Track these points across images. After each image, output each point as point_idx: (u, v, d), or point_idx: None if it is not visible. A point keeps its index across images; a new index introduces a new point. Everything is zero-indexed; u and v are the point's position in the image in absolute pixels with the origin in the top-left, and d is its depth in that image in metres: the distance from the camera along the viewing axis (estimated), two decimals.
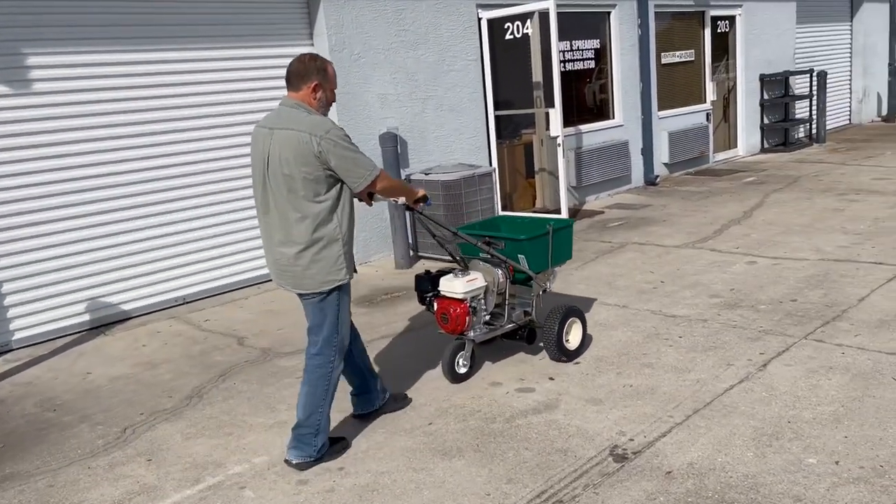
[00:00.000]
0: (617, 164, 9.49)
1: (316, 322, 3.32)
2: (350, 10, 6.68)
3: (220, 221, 6.32)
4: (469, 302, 3.99)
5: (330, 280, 3.23)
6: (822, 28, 13.83)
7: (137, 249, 5.87)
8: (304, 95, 3.23)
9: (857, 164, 10.20)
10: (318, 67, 3.22)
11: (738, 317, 4.79)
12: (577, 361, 4.30)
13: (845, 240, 6.39)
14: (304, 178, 3.11)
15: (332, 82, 3.29)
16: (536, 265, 4.22)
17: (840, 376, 3.80)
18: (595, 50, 9.35)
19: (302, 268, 3.20)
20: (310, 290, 3.24)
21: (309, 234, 3.17)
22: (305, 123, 3.11)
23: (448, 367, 4.08)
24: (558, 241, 4.31)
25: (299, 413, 3.34)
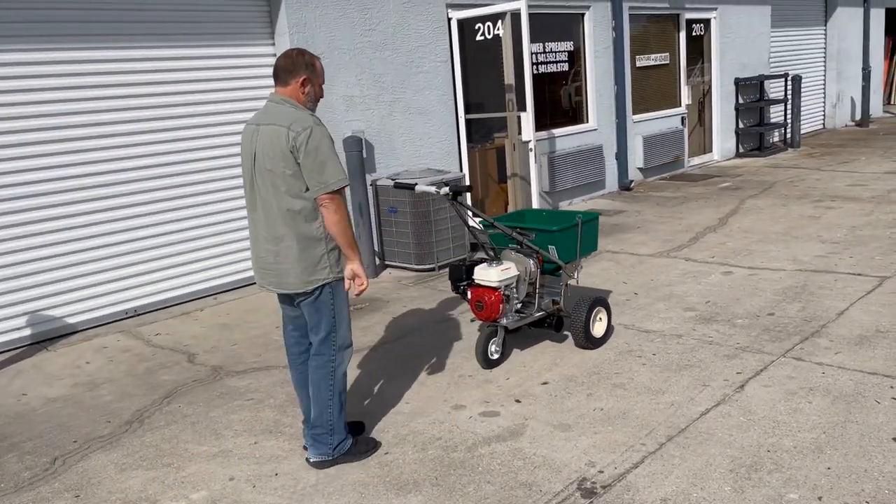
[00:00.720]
0: (591, 168, 9.29)
1: (313, 322, 3.25)
2: (313, 8, 6.40)
3: (174, 229, 6.00)
4: (503, 290, 4.14)
5: (312, 280, 3.15)
6: (797, 32, 13.79)
7: (84, 259, 5.54)
8: (292, 91, 3.16)
9: (831, 169, 10.11)
10: (305, 62, 3.17)
11: (714, 332, 4.59)
12: (546, 382, 4.06)
13: (822, 249, 6.23)
14: (284, 174, 3.04)
15: (321, 77, 3.23)
16: (566, 255, 4.39)
17: (821, 399, 3.60)
18: (569, 52, 9.15)
19: (285, 266, 3.14)
20: (291, 290, 3.17)
21: (291, 232, 3.10)
22: (288, 118, 3.05)
23: (482, 353, 4.23)
24: (586, 232, 4.47)
25: (312, 411, 3.32)
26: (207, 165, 6.15)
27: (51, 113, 5.31)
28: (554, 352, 4.46)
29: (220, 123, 6.20)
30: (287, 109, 3.09)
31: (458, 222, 6.65)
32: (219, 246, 6.26)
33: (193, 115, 6.03)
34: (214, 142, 6.18)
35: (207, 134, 6.13)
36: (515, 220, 4.75)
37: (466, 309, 5.42)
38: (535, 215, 4.82)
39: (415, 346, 4.73)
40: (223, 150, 6.23)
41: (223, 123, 6.21)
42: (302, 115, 3.06)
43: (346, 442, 3.35)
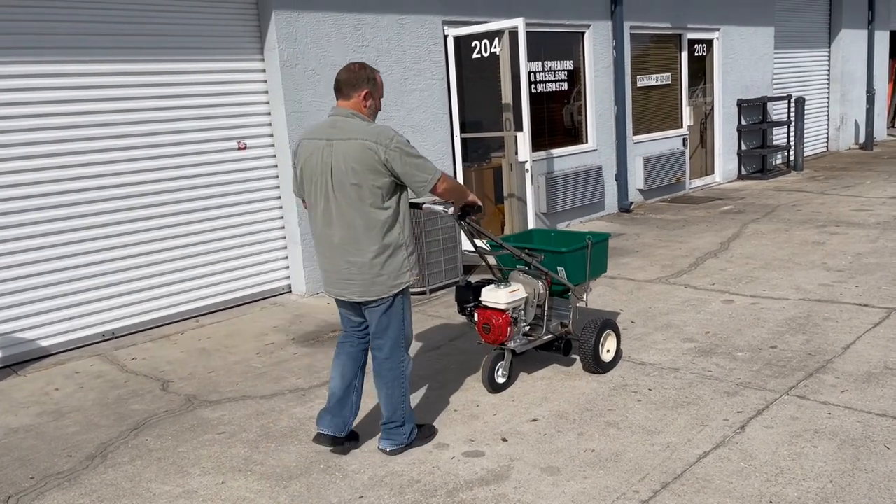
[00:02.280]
0: (590, 189, 9.10)
1: (381, 327, 3.38)
2: (305, 23, 6.24)
3: (156, 248, 5.80)
4: (511, 312, 4.03)
5: (398, 284, 3.32)
6: (801, 54, 13.65)
7: (60, 279, 5.33)
8: (356, 104, 3.27)
9: (835, 193, 9.91)
10: (367, 76, 3.28)
11: (714, 366, 4.36)
12: (535, 418, 3.83)
13: (827, 277, 6.01)
14: (372, 187, 3.16)
15: (381, 91, 3.35)
16: (575, 277, 4.28)
17: (827, 443, 3.37)
18: (568, 71, 8.99)
19: (373, 275, 3.26)
20: (377, 297, 3.30)
21: (379, 242, 3.24)
22: (368, 132, 3.16)
23: (488, 378, 4.11)
24: (595, 254, 4.35)
25: (385, 411, 3.49)
26: (193, 183, 5.96)
27: (27, 128, 5.13)
28: (545, 385, 4.24)
29: (208, 140, 6.01)
30: (360, 123, 3.20)
31: (451, 245, 6.44)
32: (202, 266, 6.06)
33: (179, 131, 5.85)
34: (201, 159, 5.99)
35: (193, 151, 5.94)
36: (523, 241, 4.66)
37: (457, 336, 5.20)
38: (543, 236, 4.71)
39: None
40: (210, 167, 6.05)
41: (210, 140, 6.03)
42: (381, 128, 3.19)
43: (414, 430, 3.57)
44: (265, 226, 6.42)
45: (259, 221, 6.39)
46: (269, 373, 4.71)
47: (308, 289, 6.45)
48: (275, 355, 5.03)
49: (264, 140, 6.36)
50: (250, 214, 6.32)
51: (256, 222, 6.37)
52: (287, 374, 4.66)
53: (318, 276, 6.50)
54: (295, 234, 6.39)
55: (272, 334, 5.50)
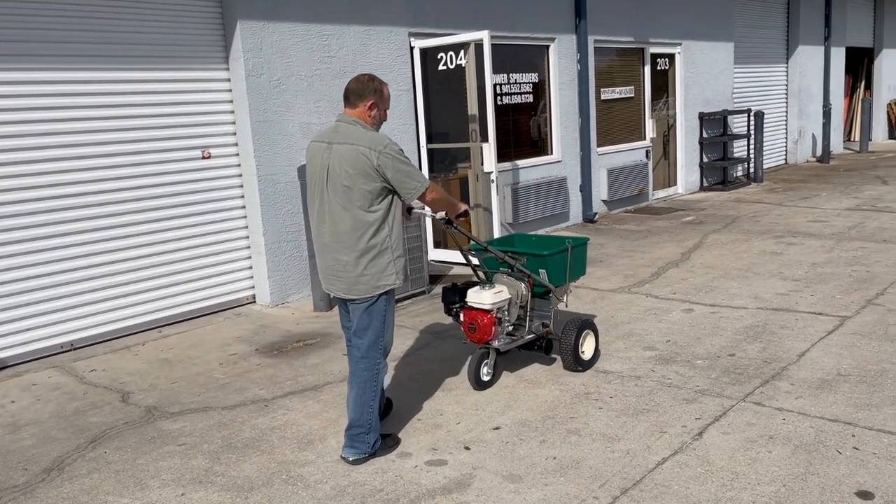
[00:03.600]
0: (555, 200, 9.21)
1: (362, 326, 3.50)
2: (270, 33, 6.23)
3: (118, 258, 5.73)
4: (495, 313, 4.20)
5: (380, 285, 3.45)
6: (760, 69, 13.98)
7: (17, 289, 5.23)
8: (361, 113, 3.44)
9: (793, 204, 10.16)
10: (374, 88, 3.45)
11: (674, 373, 4.44)
12: (498, 427, 3.86)
13: (784, 286, 6.16)
14: (362, 190, 3.33)
15: (387, 102, 3.53)
16: (556, 279, 4.44)
17: (781, 448, 3.45)
18: (533, 84, 9.10)
19: (357, 274, 3.41)
20: (360, 296, 3.43)
21: (364, 243, 3.39)
22: (365, 139, 3.34)
23: (474, 375, 4.26)
24: (575, 257, 4.53)
25: (351, 415, 3.53)
26: (157, 192, 5.90)
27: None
28: (508, 393, 4.27)
29: (171, 149, 5.97)
30: (360, 130, 3.38)
31: (417, 254, 6.46)
32: (165, 276, 6.00)
33: (142, 140, 5.80)
34: (164, 168, 5.94)
35: (157, 160, 5.89)
36: (506, 245, 4.81)
37: (422, 346, 5.21)
38: (525, 240, 4.87)
39: None
40: (173, 176, 5.99)
41: (174, 149, 5.98)
42: (377, 136, 3.37)
43: (378, 440, 3.59)
44: (229, 235, 6.38)
45: (223, 231, 6.34)
46: (232, 384, 4.68)
47: (273, 299, 6.41)
48: (238, 366, 5.00)
49: (229, 149, 6.32)
50: (214, 224, 6.28)
51: (220, 232, 6.32)
52: (250, 385, 4.63)
53: (283, 285, 6.48)
54: (259, 244, 6.36)
55: (235, 345, 5.45)
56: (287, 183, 6.42)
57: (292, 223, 6.48)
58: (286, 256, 6.48)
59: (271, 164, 6.32)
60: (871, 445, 3.42)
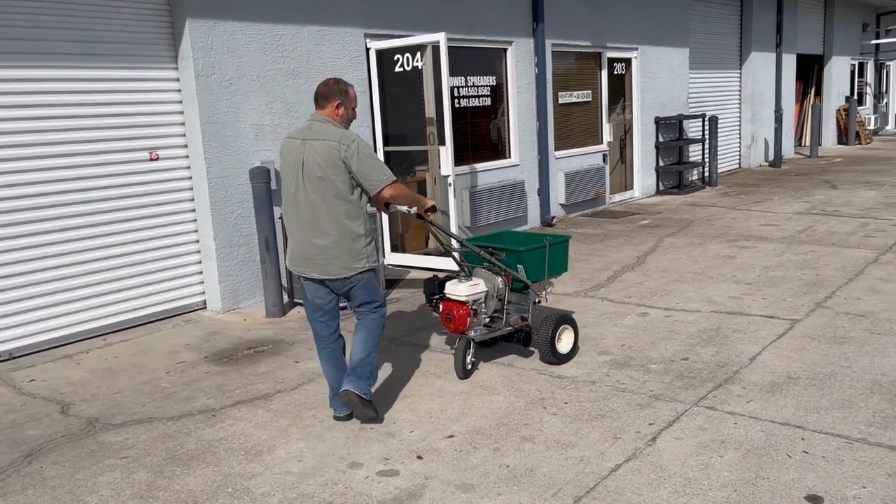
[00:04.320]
0: (513, 204, 9.20)
1: (365, 298, 3.92)
2: (220, 32, 6.09)
3: (60, 263, 5.52)
4: (471, 304, 4.44)
5: (354, 267, 3.80)
6: (714, 74, 14.21)
7: None
8: (330, 112, 3.83)
9: (746, 208, 10.33)
10: (340, 90, 3.84)
11: (628, 378, 4.43)
12: (452, 434, 3.80)
13: (736, 290, 6.23)
14: (334, 181, 3.70)
15: (353, 102, 3.90)
16: (533, 275, 4.63)
17: (733, 453, 3.46)
18: (491, 87, 9.08)
19: (330, 257, 3.76)
20: (333, 276, 3.79)
21: (338, 229, 3.74)
22: (335, 134, 3.72)
23: (461, 364, 4.47)
24: (555, 254, 4.70)
25: (358, 354, 3.88)
26: (102, 195, 5.71)
27: None
28: (463, 400, 4.22)
29: (117, 150, 5.78)
30: (330, 127, 3.76)
31: (374, 258, 6.36)
32: (111, 282, 5.81)
33: (87, 140, 5.61)
34: (110, 170, 5.75)
35: (102, 161, 5.70)
36: (495, 241, 4.95)
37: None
38: (513, 237, 5.07)
39: (314, 396, 4.40)
40: (119, 178, 5.81)
41: (120, 150, 5.80)
42: (345, 132, 3.75)
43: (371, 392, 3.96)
44: (178, 239, 6.21)
45: (172, 235, 6.17)
46: (179, 393, 4.53)
47: (224, 305, 6.26)
48: (185, 374, 4.85)
49: (178, 151, 6.15)
50: (162, 228, 6.10)
51: (169, 236, 6.15)
52: (197, 394, 4.49)
53: (235, 291, 6.33)
54: (210, 249, 6.20)
55: (184, 352, 5.30)
56: (239, 186, 6.28)
57: (244, 227, 6.34)
58: (238, 261, 6.33)
59: (222, 166, 6.17)
60: (819, 449, 3.44)
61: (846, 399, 3.97)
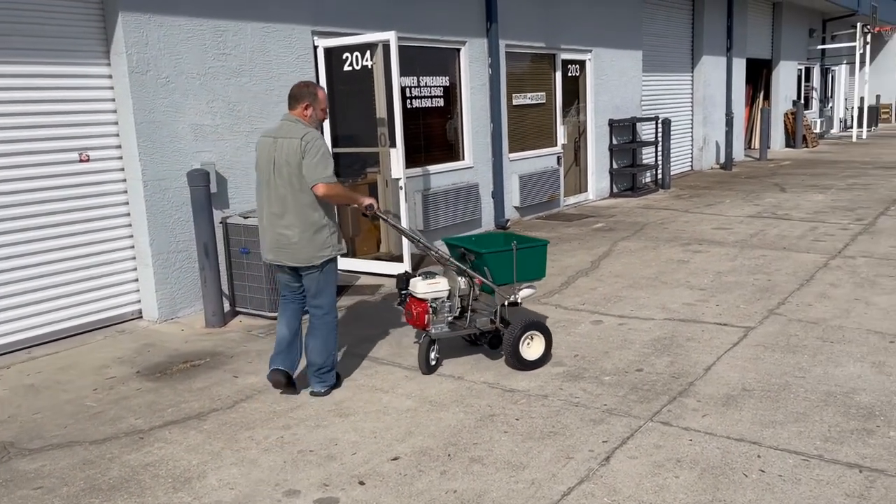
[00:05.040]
0: (466, 207, 9.03)
1: (319, 289, 4.24)
2: (156, 27, 5.76)
3: None
4: (430, 302, 4.53)
5: (318, 256, 4.16)
6: (667, 77, 14.28)
7: None
8: (299, 113, 4.20)
9: (699, 211, 10.35)
10: (309, 92, 4.20)
11: (581, 391, 4.29)
12: (397, 456, 3.59)
13: (690, 296, 6.15)
14: (299, 175, 4.04)
15: (322, 103, 4.24)
16: (500, 278, 4.59)
17: (688, 472, 3.33)
18: (444, 87, 8.89)
19: (298, 246, 4.12)
20: (303, 264, 4.16)
21: (304, 221, 4.10)
22: (300, 132, 4.09)
23: (423, 359, 4.58)
24: (526, 258, 4.60)
25: (316, 359, 4.29)
26: (27, 198, 5.35)
27: None
28: (410, 418, 4.01)
29: (45, 151, 5.42)
30: (298, 126, 4.12)
31: None
32: (37, 291, 5.44)
33: (10, 140, 5.23)
34: (36, 172, 5.38)
35: (28, 162, 5.33)
36: (479, 243, 4.91)
37: None
38: (495, 239, 4.98)
39: (252, 414, 4.15)
40: (47, 181, 5.45)
41: (48, 151, 5.43)
42: (309, 130, 4.10)
43: (336, 376, 4.44)
44: (111, 245, 5.86)
45: (104, 241, 5.82)
46: (106, 412, 4.23)
47: (161, 314, 5.93)
48: (114, 391, 4.54)
49: (111, 152, 5.81)
50: (94, 233, 5.75)
51: (101, 241, 5.80)
52: (126, 414, 4.20)
53: (173, 299, 6.01)
54: (146, 255, 5.87)
55: (114, 367, 4.98)
56: (177, 189, 5.96)
57: (182, 232, 6.02)
58: (176, 268, 6.01)
59: (159, 168, 5.85)
60: (776, 467, 3.34)
61: (801, 412, 3.89)
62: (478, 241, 4.93)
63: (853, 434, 3.61)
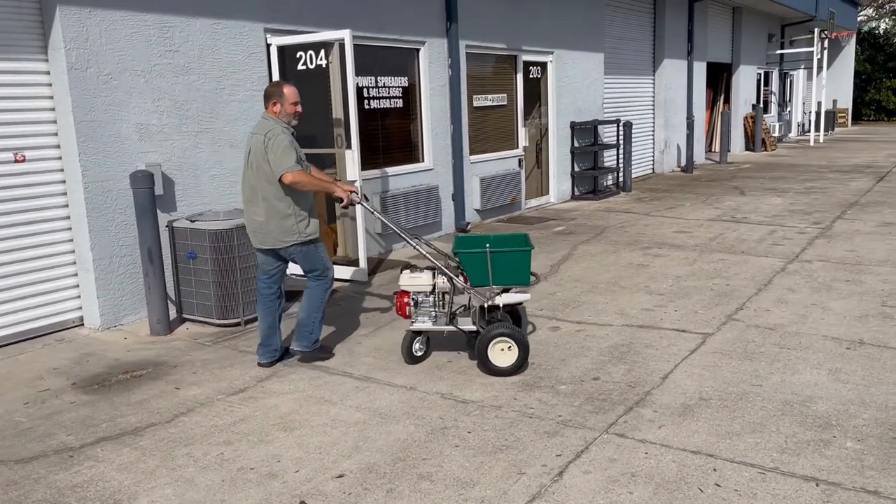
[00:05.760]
0: (426, 209, 8.88)
1: (308, 266, 4.68)
2: (97, 21, 5.51)
3: None
4: (411, 294, 4.68)
5: (286, 240, 4.55)
6: (629, 80, 14.31)
7: None
8: (270, 110, 4.59)
9: (659, 214, 10.35)
10: (276, 91, 4.57)
11: (536, 401, 4.17)
12: (342, 474, 3.43)
13: (649, 301, 6.09)
14: (264, 167, 4.46)
15: (289, 99, 4.56)
16: (475, 280, 4.57)
17: (643, 488, 3.22)
18: (403, 88, 8.73)
19: (266, 230, 4.54)
20: (270, 246, 4.58)
21: (270, 209, 4.50)
22: (266, 129, 4.50)
23: (406, 350, 4.76)
24: (507, 263, 4.50)
25: (301, 315, 4.73)
26: None
27: None
28: (358, 432, 3.85)
29: None
30: (267, 123, 4.54)
31: None
32: None
33: None
34: None
35: None
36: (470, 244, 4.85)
37: (266, 377, 4.69)
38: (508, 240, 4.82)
39: (192, 429, 3.95)
40: None
41: None
42: (274, 126, 4.50)
43: (317, 344, 4.81)
44: (50, 249, 5.59)
45: (43, 245, 5.55)
46: (35, 428, 3.99)
47: (104, 321, 5.68)
48: (47, 405, 4.29)
49: (49, 152, 5.54)
50: (31, 237, 5.48)
51: (39, 245, 5.53)
52: (57, 430, 3.96)
53: (116, 306, 5.75)
54: (87, 260, 5.61)
55: (49, 378, 4.72)
56: (120, 191, 5.71)
57: (126, 236, 5.77)
58: (119, 273, 5.76)
59: (101, 169, 5.59)
60: (732, 481, 3.25)
61: (758, 422, 3.82)
62: (494, 241, 4.79)
63: (810, 445, 3.55)
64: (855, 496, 3.09)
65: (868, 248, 7.71)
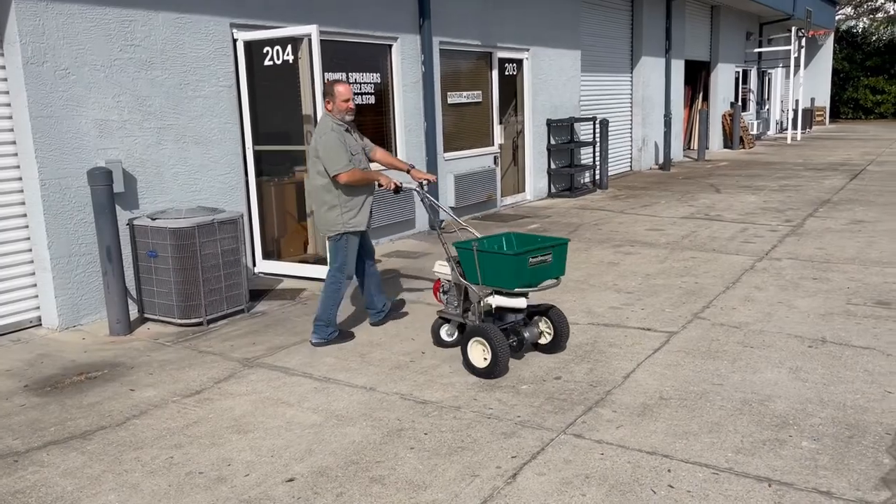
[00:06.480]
0: (400, 207, 8.81)
1: (332, 254, 5.03)
2: (55, 14, 5.39)
3: None
4: (441, 281, 4.91)
5: (330, 230, 4.97)
6: (606, 78, 14.31)
7: None
8: (326, 108, 4.99)
9: (634, 212, 10.34)
10: (330, 89, 4.95)
11: (496, 401, 4.12)
12: (292, 478, 3.36)
13: (616, 299, 6.07)
14: (316, 162, 4.89)
15: (341, 97, 4.92)
16: (470, 276, 4.65)
17: (596, 490, 3.19)
18: (375, 84, 8.66)
19: (319, 220, 4.98)
20: (321, 233, 5.05)
21: (319, 200, 4.94)
22: (319, 126, 4.93)
23: (435, 333, 4.99)
24: (495, 265, 4.43)
25: (318, 309, 5.05)
26: None
27: None
28: (313, 434, 3.79)
29: None
30: (323, 119, 4.97)
31: (232, 269, 5.83)
32: None
33: None
34: None
35: None
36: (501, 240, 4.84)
37: (225, 377, 4.62)
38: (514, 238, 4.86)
39: (143, 432, 3.86)
40: None
41: None
42: (323, 124, 4.92)
43: (335, 332, 5.10)
44: (6, 248, 5.47)
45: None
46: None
47: (62, 321, 5.57)
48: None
49: (5, 148, 5.42)
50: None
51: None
52: (3, 434, 3.87)
53: (75, 306, 5.64)
54: (44, 259, 5.49)
55: (1, 380, 4.61)
56: (79, 188, 5.60)
57: (85, 234, 5.66)
58: (78, 272, 5.65)
59: (58, 166, 5.48)
60: (685, 482, 3.22)
61: (716, 421, 3.80)
62: (515, 239, 4.85)
63: (765, 445, 3.53)
64: (807, 496, 3.07)
65: (837, 246, 7.74)
